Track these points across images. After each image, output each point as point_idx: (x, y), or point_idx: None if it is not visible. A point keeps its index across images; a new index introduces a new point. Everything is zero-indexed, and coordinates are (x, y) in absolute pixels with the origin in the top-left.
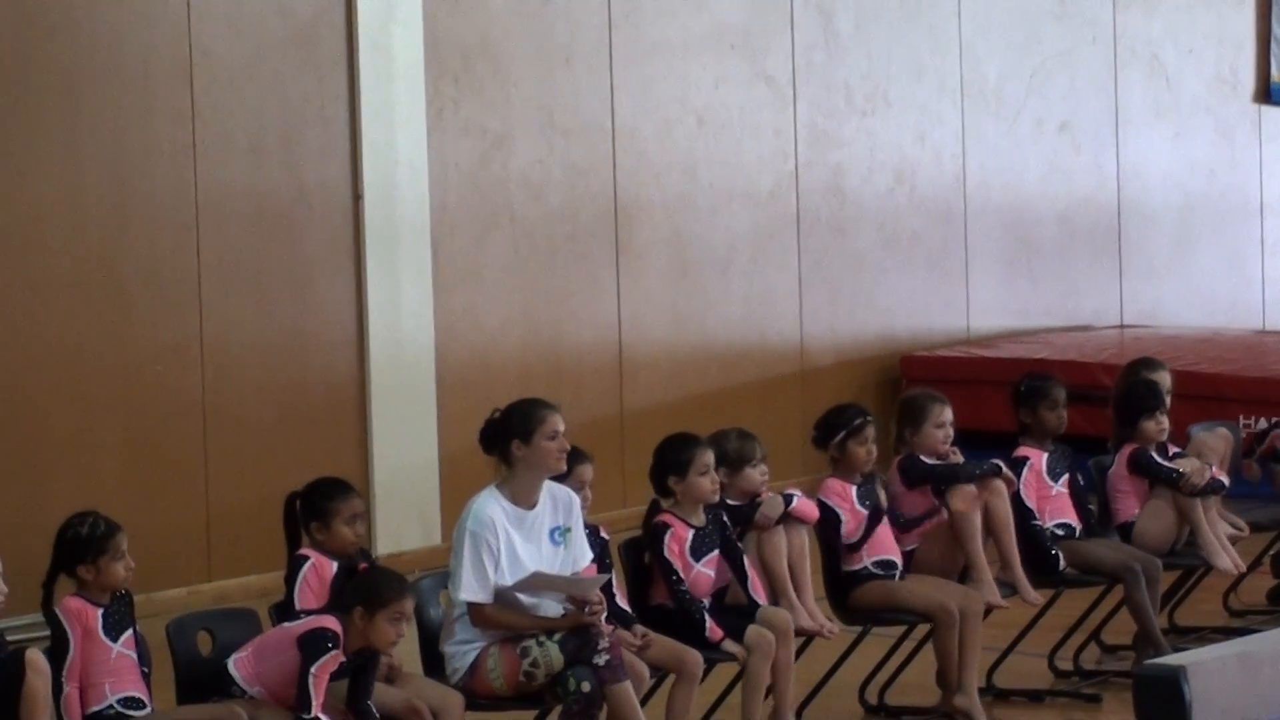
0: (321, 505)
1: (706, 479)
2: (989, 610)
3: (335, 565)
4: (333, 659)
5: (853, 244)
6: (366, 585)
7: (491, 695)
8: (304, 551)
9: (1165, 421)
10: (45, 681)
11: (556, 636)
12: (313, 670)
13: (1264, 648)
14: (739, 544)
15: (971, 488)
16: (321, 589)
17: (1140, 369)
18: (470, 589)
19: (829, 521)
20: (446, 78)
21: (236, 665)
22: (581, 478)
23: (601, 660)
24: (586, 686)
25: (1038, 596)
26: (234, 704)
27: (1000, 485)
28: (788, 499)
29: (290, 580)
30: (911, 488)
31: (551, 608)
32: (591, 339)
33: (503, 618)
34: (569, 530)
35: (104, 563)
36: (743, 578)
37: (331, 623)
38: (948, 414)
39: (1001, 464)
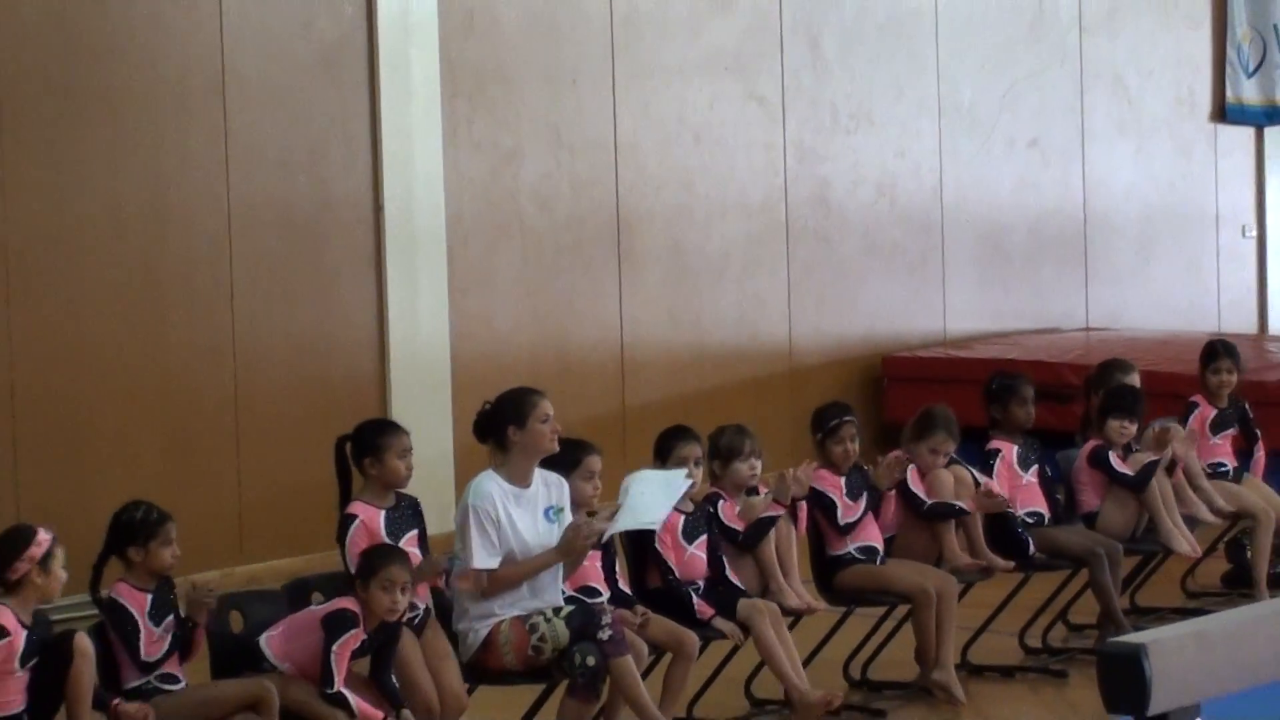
0: (374, 441)
1: (684, 471)
2: (964, 592)
3: (383, 514)
4: (353, 638)
5: (838, 252)
6: (362, 559)
7: (502, 669)
8: (350, 510)
9: (1132, 428)
10: (91, 665)
11: (563, 613)
12: (334, 649)
13: (1219, 627)
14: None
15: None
16: (373, 542)
17: (1113, 369)
18: (480, 557)
19: (824, 506)
20: (461, 97)
21: (268, 643)
22: (591, 468)
23: (605, 635)
24: (592, 661)
25: (1008, 563)
26: (263, 679)
27: (967, 478)
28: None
29: (341, 539)
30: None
31: (550, 586)
32: (595, 340)
33: (509, 574)
34: (561, 509)
35: (154, 546)
36: (720, 566)
37: (351, 604)
38: (950, 445)
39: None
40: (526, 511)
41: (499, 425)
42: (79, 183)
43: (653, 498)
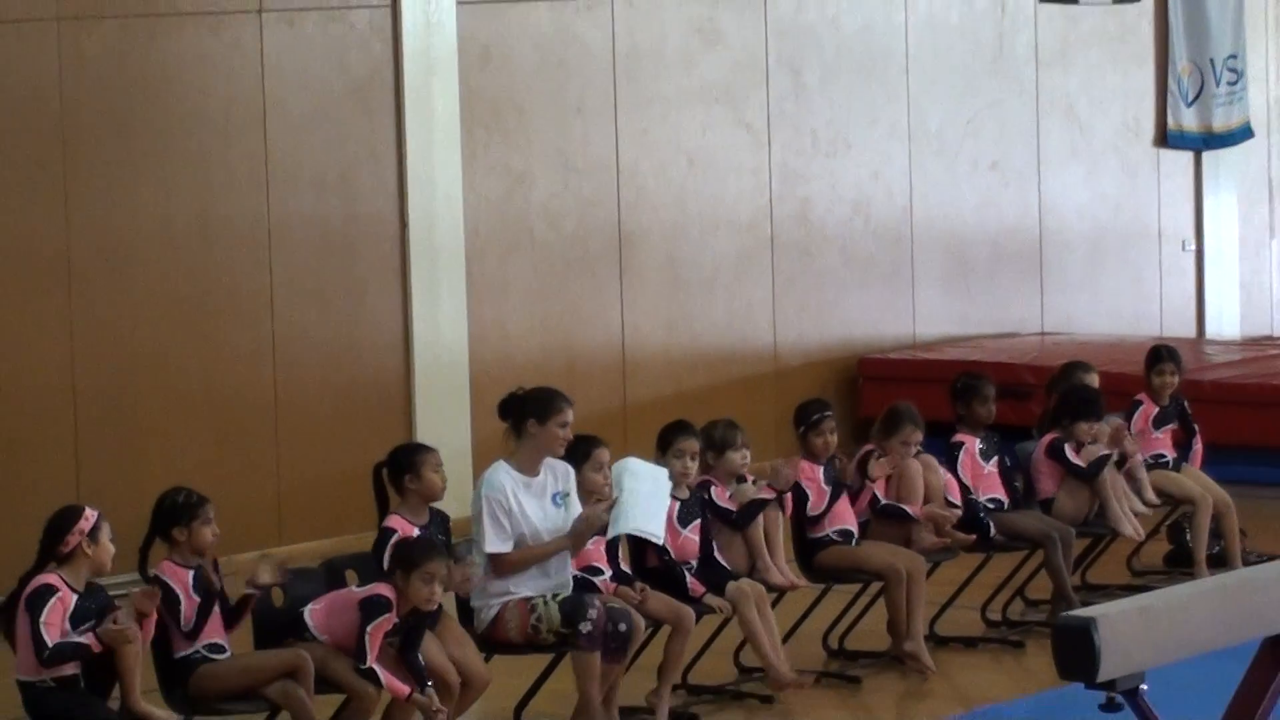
0: (410, 460)
1: (681, 462)
2: (932, 570)
3: (416, 530)
4: (386, 621)
5: (818, 264)
6: (403, 552)
7: (508, 642)
8: (389, 524)
9: (1098, 428)
10: (139, 635)
11: (558, 598)
12: (369, 629)
13: (1161, 602)
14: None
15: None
16: None
17: (1076, 371)
18: (493, 543)
19: (799, 497)
20: (478, 125)
21: (310, 615)
22: (600, 459)
23: (585, 628)
24: (624, 627)
25: (967, 537)
26: (301, 649)
27: (934, 464)
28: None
29: (379, 550)
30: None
31: (559, 570)
32: (599, 343)
33: (521, 557)
34: (568, 494)
35: (195, 526)
36: (711, 548)
37: (387, 590)
38: (917, 436)
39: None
40: (535, 498)
41: (522, 414)
42: (134, 202)
43: (648, 501)
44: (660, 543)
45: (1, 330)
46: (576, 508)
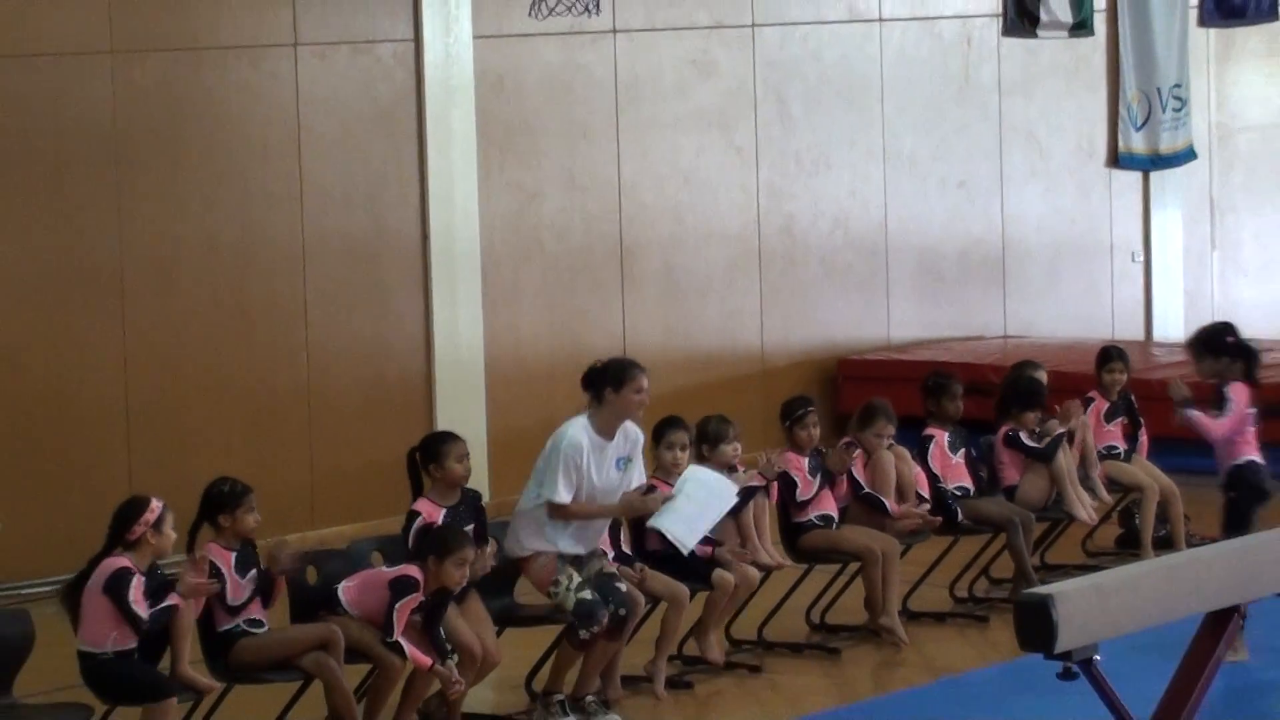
0: (436, 450)
1: (672, 453)
2: (905, 552)
3: (444, 511)
4: (413, 599)
5: (801, 273)
6: (437, 539)
7: (525, 576)
8: (416, 507)
9: (1036, 416)
10: (190, 609)
11: (581, 590)
12: (397, 606)
13: (1113, 580)
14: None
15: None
16: None
17: (1025, 368)
18: (561, 493)
19: (787, 485)
20: (493, 147)
21: (343, 591)
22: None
23: (583, 634)
24: (623, 612)
25: (935, 519)
26: (334, 622)
27: (906, 455)
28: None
29: (407, 530)
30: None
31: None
32: (603, 344)
33: (576, 510)
34: (630, 460)
35: (239, 513)
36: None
37: (415, 572)
38: (890, 429)
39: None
40: (603, 461)
41: (601, 383)
42: (181, 219)
43: (699, 510)
44: (686, 552)
45: (61, 336)
46: (637, 471)
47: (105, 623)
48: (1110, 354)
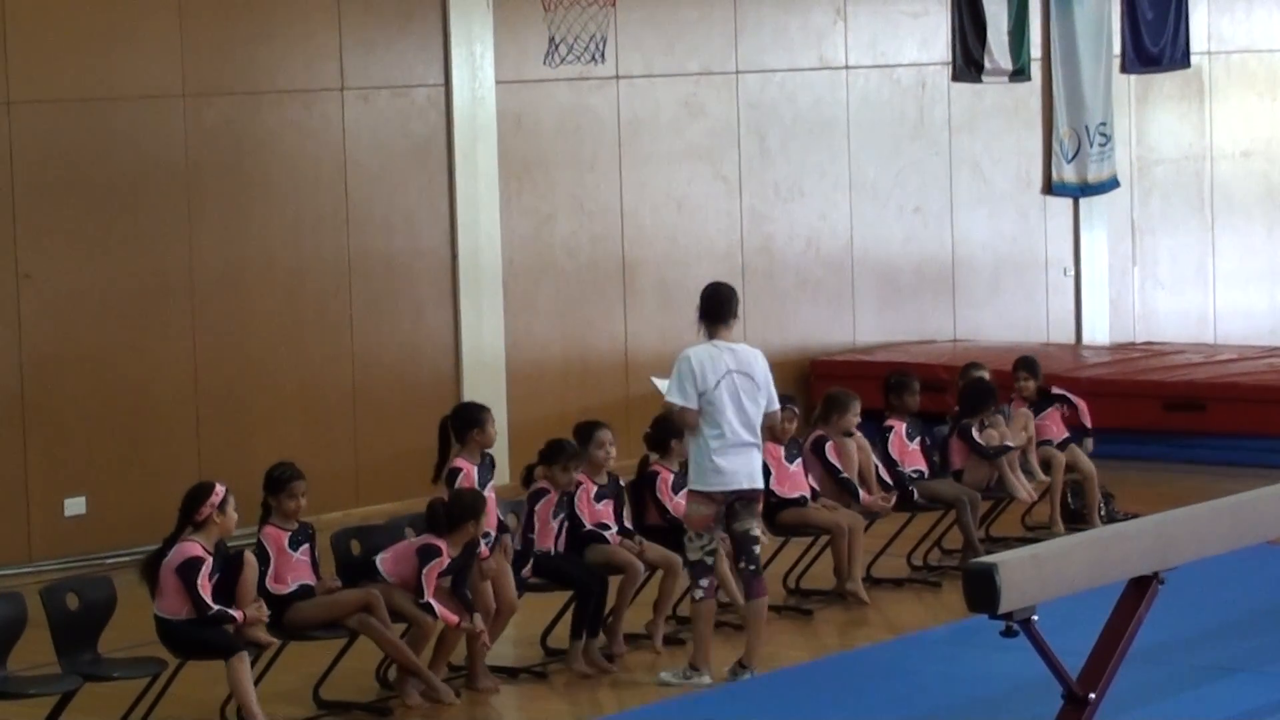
0: (476, 416)
1: (603, 450)
2: (868, 526)
3: (476, 469)
4: (439, 563)
5: (779, 287)
6: (457, 507)
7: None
8: (456, 464)
9: (989, 416)
10: (254, 572)
11: (713, 551)
12: (425, 571)
13: (1048, 550)
14: None
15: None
16: (471, 486)
17: (972, 369)
18: (677, 398)
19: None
20: (513, 178)
21: (381, 562)
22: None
23: (697, 594)
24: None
25: (891, 494)
26: (373, 588)
27: (866, 445)
28: None
29: (450, 482)
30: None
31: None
32: (607, 350)
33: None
34: (749, 376)
35: (283, 498)
36: None
37: (439, 541)
38: (851, 417)
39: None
40: (716, 371)
41: (717, 316)
42: (243, 239)
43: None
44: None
45: (141, 341)
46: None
47: (177, 599)
48: (1017, 364)
